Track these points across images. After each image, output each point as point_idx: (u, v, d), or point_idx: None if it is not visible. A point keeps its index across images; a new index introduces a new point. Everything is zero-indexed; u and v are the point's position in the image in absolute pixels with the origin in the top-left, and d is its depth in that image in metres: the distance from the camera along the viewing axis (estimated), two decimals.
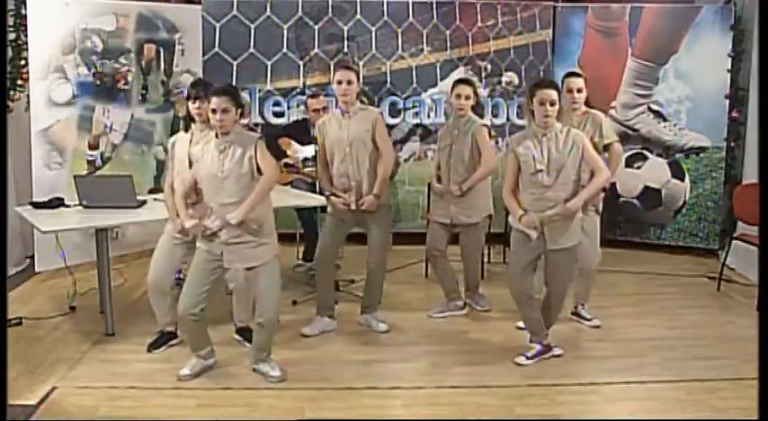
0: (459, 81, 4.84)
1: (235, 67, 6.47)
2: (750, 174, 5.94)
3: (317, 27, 6.53)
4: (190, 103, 4.00)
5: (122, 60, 5.91)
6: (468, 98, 4.72)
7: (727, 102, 6.22)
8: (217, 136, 3.72)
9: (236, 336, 4.46)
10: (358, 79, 4.46)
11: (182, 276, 5.57)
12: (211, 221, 3.74)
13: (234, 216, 3.67)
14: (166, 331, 4.35)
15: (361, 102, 4.58)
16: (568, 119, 4.42)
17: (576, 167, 3.98)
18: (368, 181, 4.47)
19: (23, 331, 4.59)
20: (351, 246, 4.85)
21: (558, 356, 4.25)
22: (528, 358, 4.19)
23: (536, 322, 4.22)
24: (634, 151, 6.51)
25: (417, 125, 6.67)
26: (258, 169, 3.72)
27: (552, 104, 3.90)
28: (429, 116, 6.66)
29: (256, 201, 3.71)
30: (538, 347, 4.23)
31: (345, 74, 4.40)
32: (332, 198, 4.53)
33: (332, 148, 4.49)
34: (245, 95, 6.41)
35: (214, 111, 3.64)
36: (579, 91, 4.51)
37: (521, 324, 4.42)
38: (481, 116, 4.90)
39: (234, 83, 6.43)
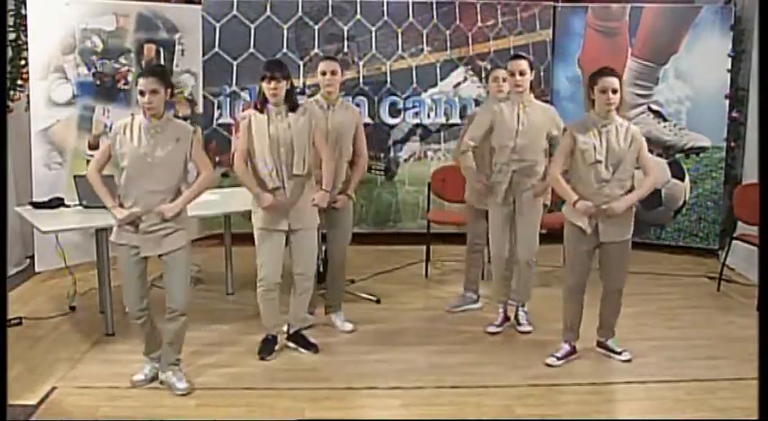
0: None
1: (235, 67, 6.47)
2: (750, 174, 5.93)
3: (316, 27, 6.53)
4: (264, 84, 3.97)
5: (122, 60, 5.91)
6: (523, 74, 4.43)
7: (727, 102, 6.22)
8: (149, 119, 3.65)
9: (289, 344, 4.35)
10: (343, 72, 4.43)
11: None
12: (135, 208, 3.66)
13: (170, 209, 3.63)
14: (271, 336, 4.29)
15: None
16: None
17: (633, 164, 3.97)
18: (343, 177, 4.46)
19: (23, 331, 4.59)
20: (350, 245, 4.83)
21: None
22: (559, 358, 4.17)
23: (578, 322, 4.22)
24: None
25: (417, 125, 6.67)
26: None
27: (614, 92, 3.86)
28: (429, 116, 6.66)
29: (191, 198, 3.70)
30: (567, 347, 4.22)
31: (330, 64, 4.38)
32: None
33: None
34: (245, 95, 6.42)
35: (142, 92, 3.58)
36: (522, 74, 4.39)
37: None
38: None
39: (234, 83, 6.44)
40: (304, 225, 4.14)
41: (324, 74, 4.37)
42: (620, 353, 4.25)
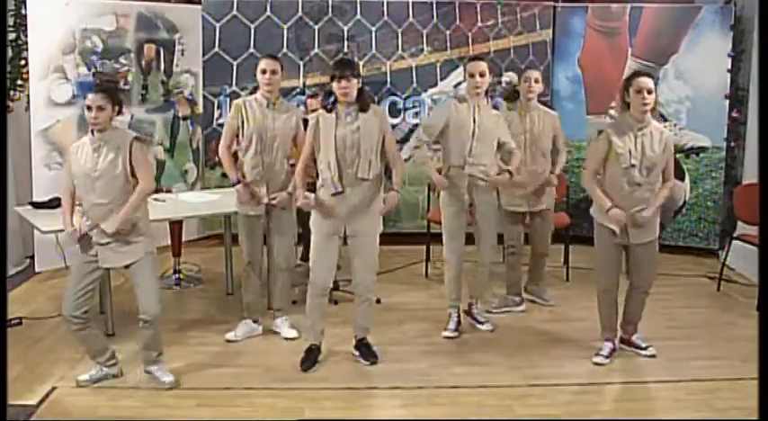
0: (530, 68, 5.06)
1: (235, 67, 6.47)
2: (750, 174, 5.93)
3: (317, 27, 6.53)
4: (335, 84, 3.90)
5: (122, 60, 5.91)
6: (537, 81, 4.83)
7: (727, 102, 6.22)
8: (93, 134, 3.66)
9: (354, 352, 4.27)
10: (282, 70, 4.36)
11: (180, 276, 5.61)
12: (83, 222, 3.69)
13: (108, 226, 3.63)
14: (315, 346, 4.21)
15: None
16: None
17: (662, 170, 4.01)
18: (282, 177, 4.41)
19: (23, 331, 4.59)
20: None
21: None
22: (606, 356, 4.18)
23: (615, 321, 4.23)
24: None
25: (417, 125, 6.66)
26: (133, 173, 3.66)
27: (650, 93, 3.87)
28: (429, 116, 6.65)
29: (129, 212, 3.65)
30: (609, 345, 4.23)
31: (270, 63, 4.29)
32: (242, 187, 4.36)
33: (250, 136, 4.30)
34: (244, 95, 6.41)
35: (89, 107, 3.60)
36: (482, 75, 4.40)
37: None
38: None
39: (234, 83, 6.44)
40: (364, 231, 4.06)
41: (264, 72, 4.26)
42: (645, 349, 4.29)
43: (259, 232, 4.50)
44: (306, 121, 5.69)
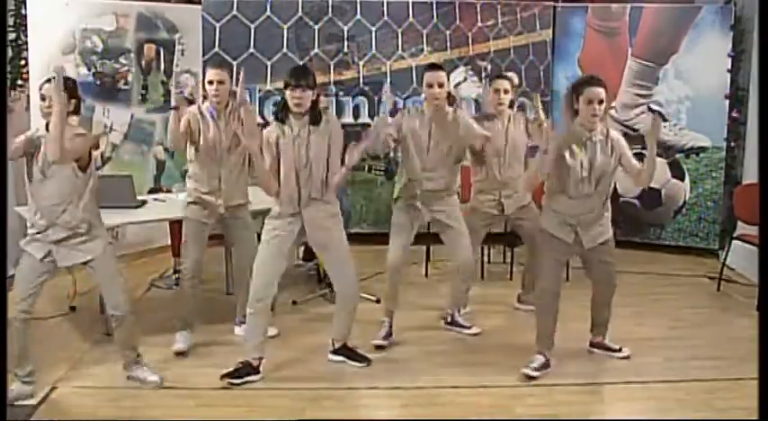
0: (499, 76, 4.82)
1: (235, 67, 6.45)
2: (750, 174, 5.93)
3: (317, 27, 6.53)
4: (287, 92, 3.74)
5: (122, 60, 5.92)
6: (507, 92, 4.61)
7: (727, 102, 6.22)
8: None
9: (333, 357, 4.20)
10: (231, 78, 4.25)
11: (179, 276, 5.60)
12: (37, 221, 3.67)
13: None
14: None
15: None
16: None
17: (614, 171, 3.90)
18: (239, 187, 4.32)
19: None
20: (351, 245, 4.82)
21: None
22: (536, 369, 4.02)
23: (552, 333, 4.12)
24: (634, 151, 6.43)
25: None
26: (84, 167, 3.60)
27: (600, 102, 3.71)
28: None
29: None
30: (542, 358, 4.08)
31: (217, 73, 4.16)
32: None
33: (206, 149, 4.21)
34: (244, 95, 6.40)
35: (43, 97, 3.55)
36: (440, 85, 4.41)
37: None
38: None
39: (234, 83, 6.41)
40: (330, 245, 3.99)
41: (211, 83, 4.14)
42: (619, 350, 4.25)
43: (206, 239, 4.38)
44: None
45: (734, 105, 6.21)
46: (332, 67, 6.52)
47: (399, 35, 6.58)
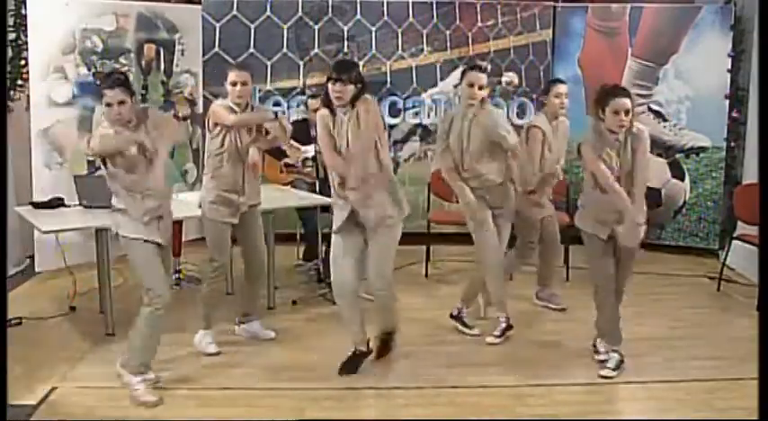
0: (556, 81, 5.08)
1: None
2: (750, 174, 5.93)
3: (317, 27, 6.53)
4: (329, 85, 3.77)
5: (122, 60, 5.91)
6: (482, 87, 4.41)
7: (727, 102, 6.22)
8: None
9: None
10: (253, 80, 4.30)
11: (180, 276, 5.60)
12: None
13: None
14: (359, 351, 4.10)
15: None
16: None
17: (638, 170, 3.90)
18: (256, 186, 4.41)
19: (23, 331, 4.59)
20: None
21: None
22: (613, 368, 4.02)
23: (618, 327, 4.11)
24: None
25: (417, 125, 6.67)
26: None
27: (627, 113, 3.78)
28: (429, 116, 6.66)
29: None
30: (617, 357, 4.08)
31: (240, 75, 4.19)
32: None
33: (231, 148, 4.24)
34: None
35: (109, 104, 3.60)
36: (480, 88, 4.35)
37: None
38: None
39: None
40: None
41: (235, 84, 4.16)
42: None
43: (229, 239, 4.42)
44: (305, 121, 5.73)
45: (734, 105, 6.21)
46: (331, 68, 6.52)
47: (399, 35, 6.58)
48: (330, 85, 3.78)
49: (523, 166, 4.67)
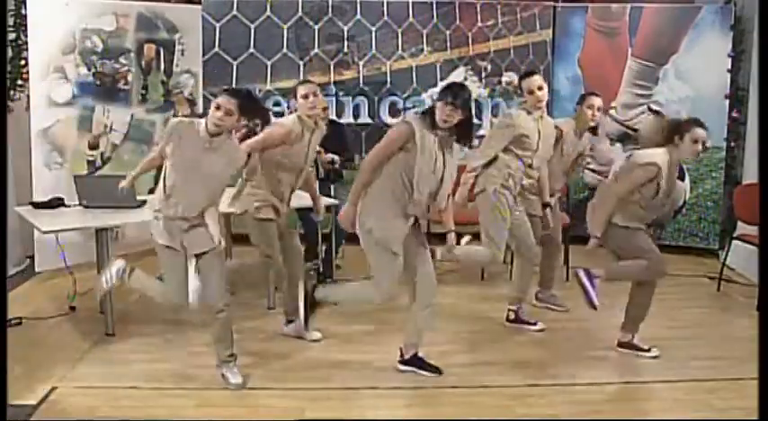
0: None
1: (235, 67, 6.47)
2: (750, 175, 5.94)
3: (317, 27, 6.53)
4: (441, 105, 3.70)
5: (122, 60, 5.91)
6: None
7: (727, 102, 6.22)
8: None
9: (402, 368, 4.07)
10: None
11: None
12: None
13: None
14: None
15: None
16: None
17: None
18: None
19: (23, 331, 4.59)
20: (351, 245, 4.83)
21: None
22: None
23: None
24: (632, 148, 6.51)
25: None
26: None
27: (704, 144, 4.09)
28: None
29: None
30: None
31: (310, 87, 4.20)
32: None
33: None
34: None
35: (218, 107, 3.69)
36: (540, 88, 4.51)
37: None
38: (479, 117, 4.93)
39: (234, 83, 6.44)
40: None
41: (306, 97, 4.16)
42: (648, 350, 4.28)
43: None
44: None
45: (734, 105, 6.21)
46: (332, 67, 6.52)
47: (399, 35, 6.58)
48: (442, 106, 3.64)
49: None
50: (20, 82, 5.68)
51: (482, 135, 5.62)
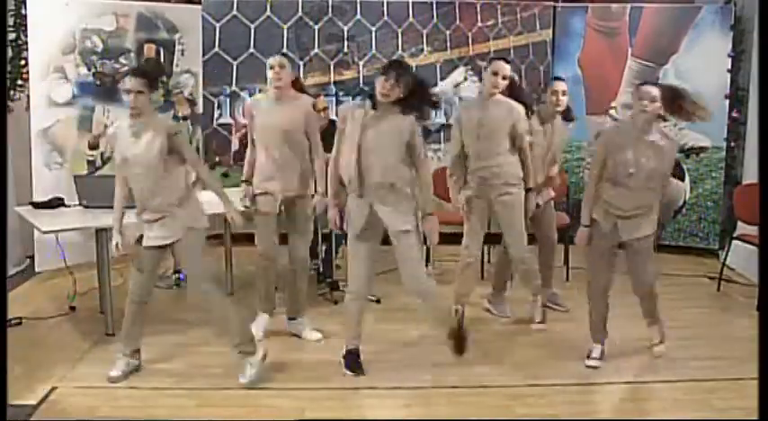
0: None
1: (235, 67, 6.47)
2: (750, 175, 5.94)
3: (317, 27, 6.53)
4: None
5: (122, 60, 5.91)
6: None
7: (727, 102, 6.22)
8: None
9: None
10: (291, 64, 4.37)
11: (183, 277, 5.60)
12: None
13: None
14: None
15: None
16: None
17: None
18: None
19: (23, 331, 4.59)
20: None
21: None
22: (597, 359, 4.15)
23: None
24: None
25: None
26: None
27: (653, 101, 4.03)
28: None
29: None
30: (599, 348, 4.21)
31: (277, 59, 4.26)
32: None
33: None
34: (244, 95, 6.41)
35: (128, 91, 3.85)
36: (504, 78, 4.53)
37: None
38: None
39: (234, 83, 6.44)
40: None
41: (272, 68, 4.24)
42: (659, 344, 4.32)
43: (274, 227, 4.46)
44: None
45: (734, 105, 6.21)
46: (332, 67, 6.52)
47: (399, 35, 6.58)
48: (380, 81, 3.70)
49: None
50: (20, 82, 5.69)
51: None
